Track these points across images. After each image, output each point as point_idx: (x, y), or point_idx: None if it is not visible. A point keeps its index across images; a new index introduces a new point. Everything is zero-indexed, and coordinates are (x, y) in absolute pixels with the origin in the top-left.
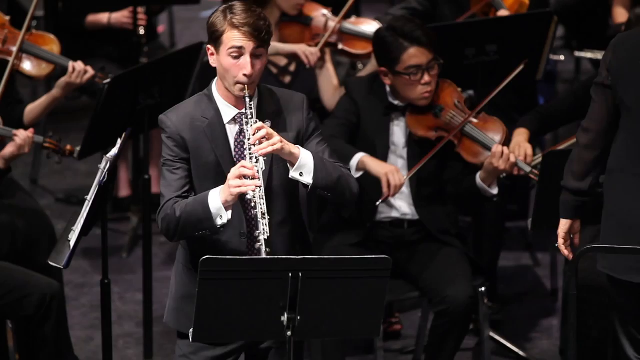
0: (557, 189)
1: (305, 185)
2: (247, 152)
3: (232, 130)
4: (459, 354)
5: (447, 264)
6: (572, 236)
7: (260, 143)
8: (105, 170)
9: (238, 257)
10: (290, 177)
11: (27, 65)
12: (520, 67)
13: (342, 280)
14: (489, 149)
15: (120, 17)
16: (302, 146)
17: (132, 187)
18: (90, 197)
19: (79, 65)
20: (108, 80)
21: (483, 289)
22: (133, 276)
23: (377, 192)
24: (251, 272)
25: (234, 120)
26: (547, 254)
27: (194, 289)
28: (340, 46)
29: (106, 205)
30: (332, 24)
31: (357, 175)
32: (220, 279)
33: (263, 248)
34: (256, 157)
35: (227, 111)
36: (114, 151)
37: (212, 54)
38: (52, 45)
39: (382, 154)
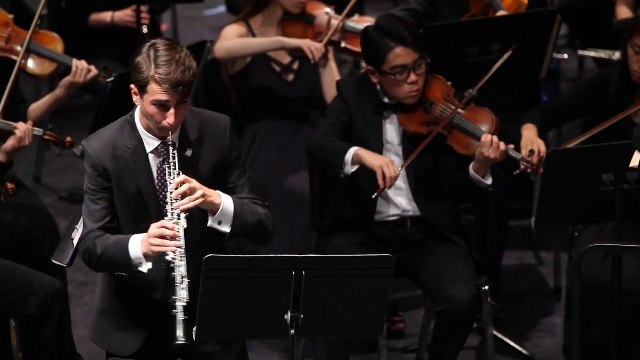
0: (561, 188)
1: (222, 234)
2: (168, 208)
3: (154, 160)
4: (463, 352)
5: (451, 262)
6: None
7: (183, 198)
8: None
9: (241, 255)
10: (208, 225)
11: (31, 64)
12: (509, 53)
13: (346, 279)
14: (479, 139)
15: (124, 15)
16: (224, 174)
17: None
18: None
19: (83, 64)
20: (111, 79)
21: (486, 287)
22: None
23: (374, 187)
24: (254, 271)
25: (156, 150)
26: (551, 253)
27: (110, 306)
28: (343, 44)
29: None
30: (335, 22)
31: (354, 169)
32: (224, 277)
33: (180, 317)
34: (178, 215)
35: (150, 141)
36: None
37: (135, 94)
38: (55, 44)
39: (376, 152)
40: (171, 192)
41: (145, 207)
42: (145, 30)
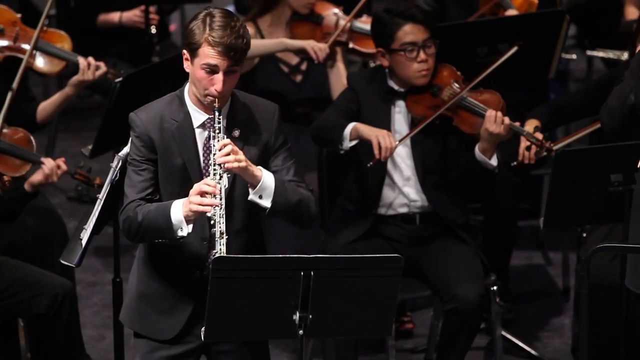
0: (570, 188)
1: (262, 208)
2: (211, 168)
3: (201, 135)
4: (471, 352)
5: (459, 262)
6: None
7: (225, 159)
8: (117, 169)
9: (249, 255)
10: (249, 199)
11: (39, 62)
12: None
13: (354, 279)
14: (484, 117)
15: (132, 16)
16: (269, 158)
17: None
18: (102, 195)
19: (91, 60)
20: (120, 79)
21: (494, 287)
22: None
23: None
24: (263, 271)
25: (203, 125)
26: (559, 253)
27: (150, 288)
28: (350, 45)
29: (118, 204)
30: (343, 22)
31: (352, 144)
32: (232, 277)
33: None
34: (220, 174)
35: (197, 116)
36: (126, 149)
37: (186, 59)
38: (63, 42)
39: None
40: (214, 154)
41: (189, 182)
42: (153, 30)
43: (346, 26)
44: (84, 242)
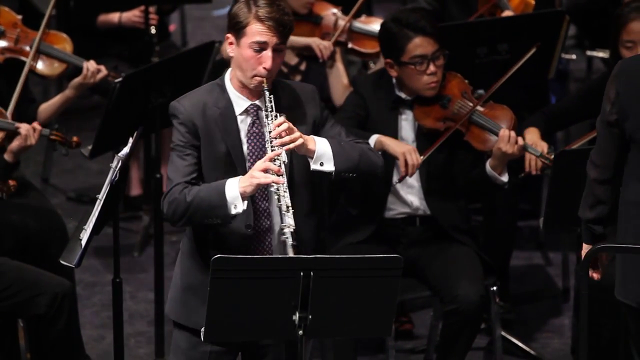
0: (569, 188)
1: (329, 173)
2: (268, 146)
3: (243, 122)
4: (471, 353)
5: (459, 262)
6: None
7: (282, 137)
8: (116, 169)
9: (250, 256)
10: (312, 170)
11: (40, 65)
12: (532, 51)
13: (354, 280)
14: (496, 134)
15: (131, 16)
16: (319, 134)
17: (143, 186)
18: (102, 196)
19: (93, 65)
20: (120, 79)
21: (494, 288)
22: (144, 275)
23: (389, 175)
24: (263, 271)
25: (246, 112)
26: (559, 254)
27: (197, 280)
28: (350, 45)
29: (117, 204)
30: (342, 22)
31: None
32: (232, 278)
33: (289, 241)
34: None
35: (240, 102)
36: (126, 150)
37: (231, 43)
38: (64, 44)
39: None
40: (270, 132)
41: (234, 169)
42: (153, 30)
43: (345, 26)
44: (83, 242)
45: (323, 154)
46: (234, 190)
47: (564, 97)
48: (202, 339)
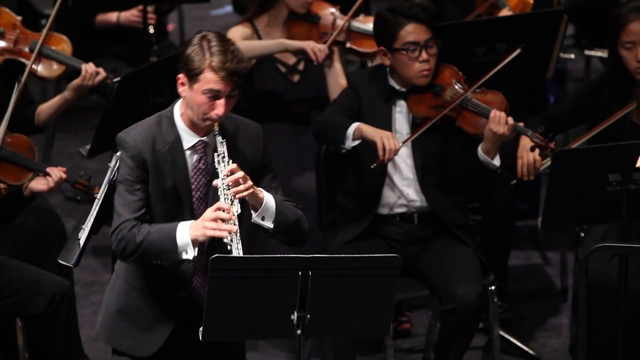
0: (568, 188)
1: (265, 230)
2: (221, 193)
3: (191, 157)
4: (469, 352)
5: (457, 262)
6: None
7: (235, 185)
8: (115, 169)
9: (247, 255)
10: (252, 221)
11: (39, 67)
12: (518, 51)
13: (352, 279)
14: (487, 117)
15: (130, 16)
16: (256, 178)
17: None
18: (100, 195)
19: (91, 67)
20: (118, 79)
21: (493, 287)
22: None
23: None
24: (261, 271)
25: (193, 147)
26: (557, 253)
27: (130, 305)
28: (348, 45)
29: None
30: (340, 22)
31: (354, 143)
32: (230, 277)
33: None
34: (231, 199)
35: (188, 138)
36: None
37: (182, 84)
38: (63, 45)
39: None
40: (223, 179)
41: (180, 203)
42: (151, 30)
43: (344, 26)
44: (82, 241)
45: (268, 209)
46: (185, 236)
47: (563, 99)
48: (201, 338)
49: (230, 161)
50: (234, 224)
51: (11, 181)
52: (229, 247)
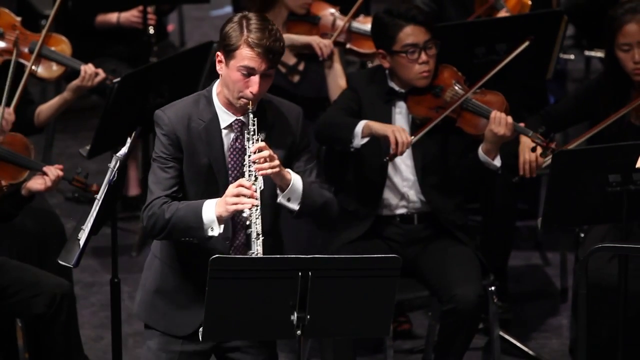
0: (567, 188)
1: (290, 210)
2: (246, 169)
3: (227, 137)
4: (469, 353)
5: (457, 262)
6: None
7: (261, 163)
8: (115, 169)
9: (248, 256)
10: (278, 201)
11: (39, 68)
12: (525, 45)
13: (352, 280)
14: (488, 118)
15: (130, 16)
16: (293, 159)
17: (141, 186)
18: (100, 196)
19: (90, 68)
20: (118, 80)
21: (492, 288)
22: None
23: (384, 156)
24: (261, 271)
25: (230, 126)
26: (557, 253)
27: (169, 285)
28: (348, 45)
29: (116, 204)
30: (340, 23)
31: (363, 141)
32: (230, 278)
33: None
34: (255, 176)
35: (225, 117)
36: (124, 150)
37: (220, 62)
38: (63, 45)
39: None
40: (249, 155)
41: (215, 182)
42: (151, 30)
43: (344, 26)
44: (81, 242)
45: (294, 191)
46: (211, 213)
47: (562, 99)
48: (200, 338)
49: (260, 139)
50: (255, 199)
51: (7, 180)
52: (247, 222)
